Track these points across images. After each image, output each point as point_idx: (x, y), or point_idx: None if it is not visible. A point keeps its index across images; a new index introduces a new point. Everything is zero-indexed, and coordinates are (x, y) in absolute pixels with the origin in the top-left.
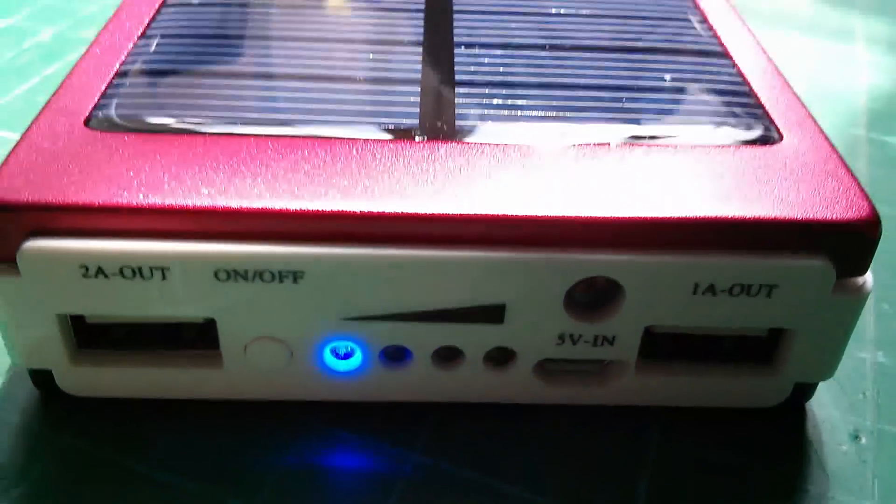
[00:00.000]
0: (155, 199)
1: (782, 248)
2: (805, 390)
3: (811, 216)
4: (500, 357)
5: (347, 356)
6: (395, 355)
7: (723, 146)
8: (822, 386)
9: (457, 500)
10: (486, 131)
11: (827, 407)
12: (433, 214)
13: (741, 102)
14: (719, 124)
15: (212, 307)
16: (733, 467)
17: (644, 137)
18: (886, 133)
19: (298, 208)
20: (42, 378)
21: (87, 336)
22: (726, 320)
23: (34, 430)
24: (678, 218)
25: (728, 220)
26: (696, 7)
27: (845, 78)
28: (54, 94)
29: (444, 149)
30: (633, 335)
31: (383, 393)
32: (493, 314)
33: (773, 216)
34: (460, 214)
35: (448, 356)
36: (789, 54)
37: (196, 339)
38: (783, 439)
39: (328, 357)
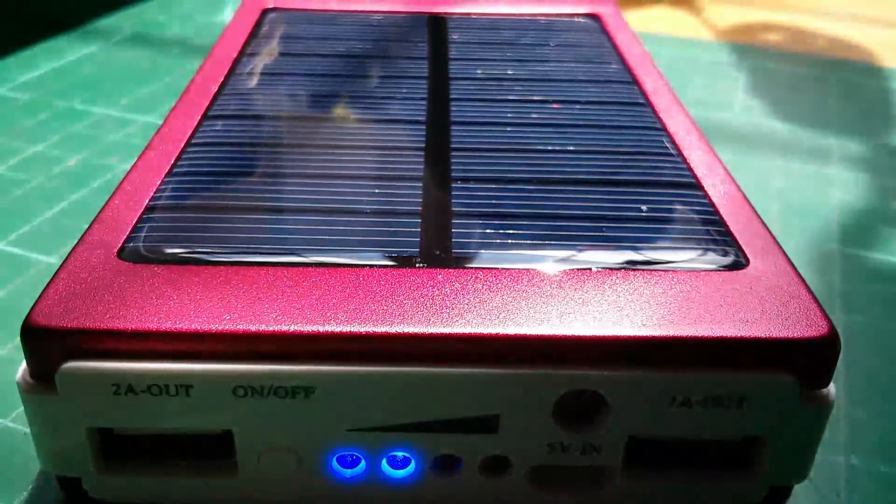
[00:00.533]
0: (180, 325)
1: (749, 364)
2: (780, 492)
3: (774, 335)
4: (496, 465)
5: (353, 464)
6: (398, 464)
7: (695, 271)
8: (798, 488)
9: None
10: (481, 258)
11: None
12: (432, 334)
13: (712, 230)
14: (692, 250)
15: (230, 420)
16: None
17: (624, 263)
18: (859, 247)
19: (310, 330)
20: (70, 483)
21: (114, 445)
22: (702, 429)
23: None
24: (655, 337)
25: (700, 338)
26: (673, 141)
27: (820, 196)
28: (89, 227)
29: (442, 275)
30: (617, 443)
31: (386, 499)
32: (487, 424)
33: (739, 335)
34: (456, 334)
35: (447, 464)
36: (766, 174)
37: (214, 448)
38: None
39: (334, 465)
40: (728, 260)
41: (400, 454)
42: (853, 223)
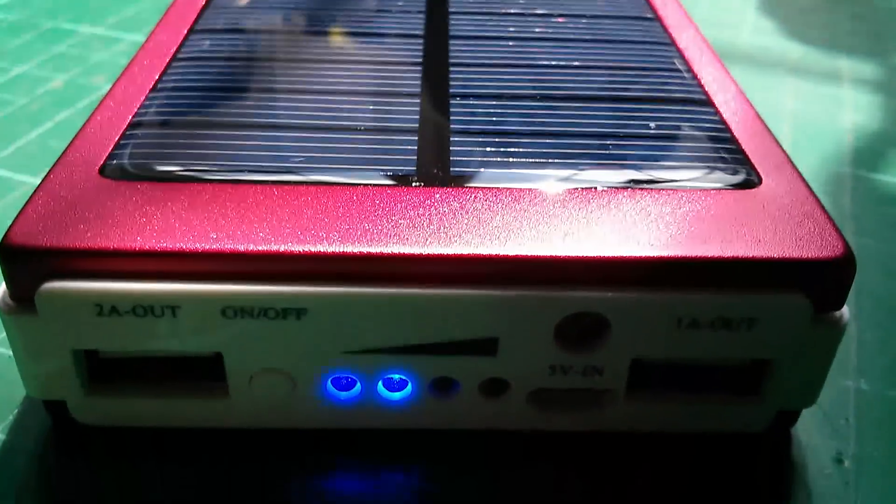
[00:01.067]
0: (165, 243)
1: (761, 285)
2: (788, 417)
3: (787, 255)
4: (495, 387)
5: (348, 386)
6: (394, 386)
7: (705, 190)
8: (806, 412)
9: None
10: (480, 177)
11: (811, 432)
12: (428, 255)
13: (723, 148)
14: (702, 169)
15: (219, 342)
16: (720, 491)
17: (630, 182)
18: (870, 170)
19: (301, 250)
20: (56, 408)
21: (100, 369)
22: (709, 352)
23: (48, 457)
24: (661, 257)
25: (709, 258)
26: (682, 56)
27: (831, 118)
28: (70, 144)
29: (439, 194)
30: (621, 366)
31: (382, 421)
32: (486, 347)
33: (751, 255)
34: (454, 255)
35: (444, 386)
36: (778, 96)
37: (204, 371)
38: (769, 464)
39: (329, 388)
40: (740, 178)
41: (396, 376)
42: (865, 146)
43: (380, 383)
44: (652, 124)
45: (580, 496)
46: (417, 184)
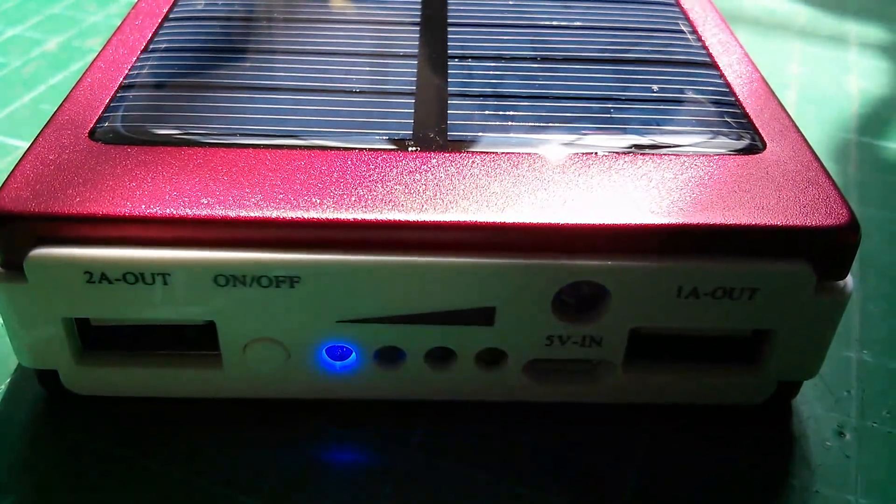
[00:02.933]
0: (156, 209)
1: (763, 253)
2: (789, 388)
3: (791, 222)
4: (492, 357)
5: (343, 356)
6: (390, 355)
7: (707, 155)
8: (807, 384)
9: (450, 493)
10: (478, 141)
11: (812, 404)
12: (424, 222)
13: (727, 112)
14: (705, 133)
15: (211, 310)
16: (719, 463)
17: (631, 147)
18: (876, 137)
19: (295, 217)
20: (48, 378)
21: (92, 337)
22: (709, 322)
23: (40, 427)
24: (662, 224)
25: (710, 226)
26: (686, 18)
27: (837, 83)
28: (59, 107)
29: (436, 159)
30: (619, 336)
31: (377, 391)
32: (483, 316)
33: (753, 222)
34: (451, 222)
35: (441, 356)
36: (783, 60)
37: (197, 339)
38: (768, 435)
39: (324, 357)
40: (743, 143)
41: (392, 346)
42: (871, 112)
43: (375, 353)
44: (655, 87)
45: (577, 469)
46: (414, 148)
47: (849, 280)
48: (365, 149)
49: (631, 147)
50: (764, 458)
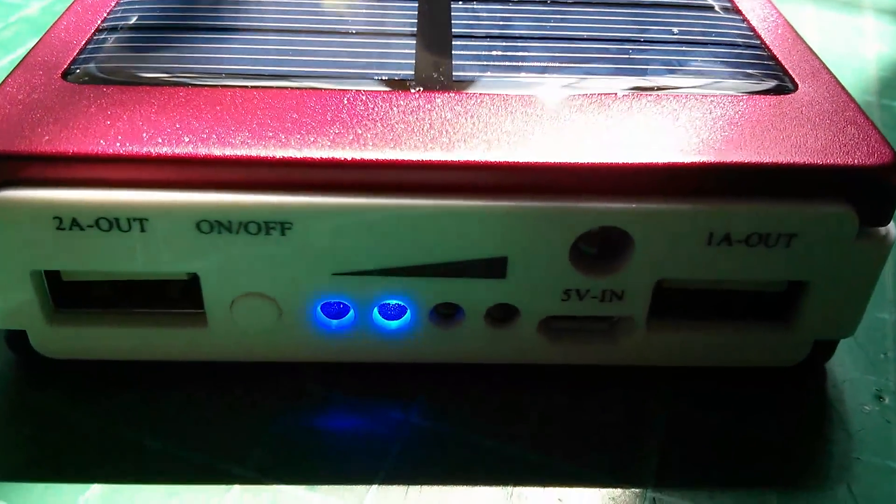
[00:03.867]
0: (133, 147)
1: (802, 194)
2: (825, 349)
3: (832, 161)
4: (503, 315)
5: (340, 314)
6: (391, 313)
7: (737, 95)
8: (840, 347)
9: (456, 463)
10: (486, 83)
11: (847, 367)
12: (429, 161)
13: (753, 54)
14: (731, 75)
15: (194, 262)
16: (751, 431)
17: (653, 88)
18: None
19: (286, 156)
20: (16, 339)
21: (65, 295)
22: (742, 273)
23: (7, 394)
24: (691, 163)
25: (744, 164)
26: None
27: (855, 47)
28: (31, 50)
29: (440, 98)
30: (643, 289)
31: (378, 354)
32: (494, 268)
33: (791, 160)
34: (458, 161)
35: (448, 314)
36: (799, 26)
37: (180, 297)
38: (803, 400)
39: (319, 315)
40: (773, 84)
41: (393, 302)
42: (891, 76)
43: (375, 310)
44: (675, 29)
45: (594, 437)
46: (417, 88)
47: (891, 227)
48: (362, 90)
49: (653, 89)
50: (799, 425)
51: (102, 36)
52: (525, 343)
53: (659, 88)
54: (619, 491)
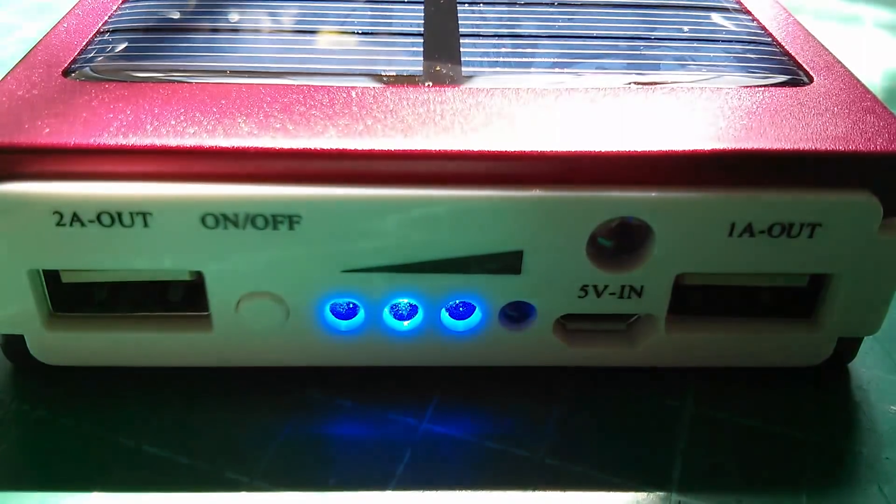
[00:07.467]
0: (136, 139)
1: (824, 183)
2: (849, 347)
3: (853, 147)
4: (517, 313)
5: (349, 314)
6: (402, 313)
7: (753, 87)
8: (863, 346)
9: (468, 470)
10: (496, 78)
11: (871, 367)
12: (442, 151)
13: (765, 50)
14: (744, 70)
15: (199, 259)
16: (776, 433)
17: (666, 83)
18: None
19: (294, 146)
20: (13, 345)
21: (64, 298)
22: (765, 265)
23: (4, 402)
24: (712, 150)
25: (767, 151)
26: None
27: (856, 60)
28: (31, 50)
29: (451, 91)
30: (663, 285)
31: (389, 357)
32: (509, 263)
33: (813, 147)
34: (470, 151)
35: (460, 314)
36: None
37: (183, 301)
38: (827, 401)
39: (328, 316)
40: (787, 77)
41: (405, 301)
42: (893, 86)
43: (386, 309)
44: (684, 28)
45: (617, 438)
46: (427, 83)
47: None
48: (370, 86)
49: (666, 84)
50: (825, 426)
51: (104, 37)
52: (540, 344)
53: (672, 83)
54: (643, 495)
